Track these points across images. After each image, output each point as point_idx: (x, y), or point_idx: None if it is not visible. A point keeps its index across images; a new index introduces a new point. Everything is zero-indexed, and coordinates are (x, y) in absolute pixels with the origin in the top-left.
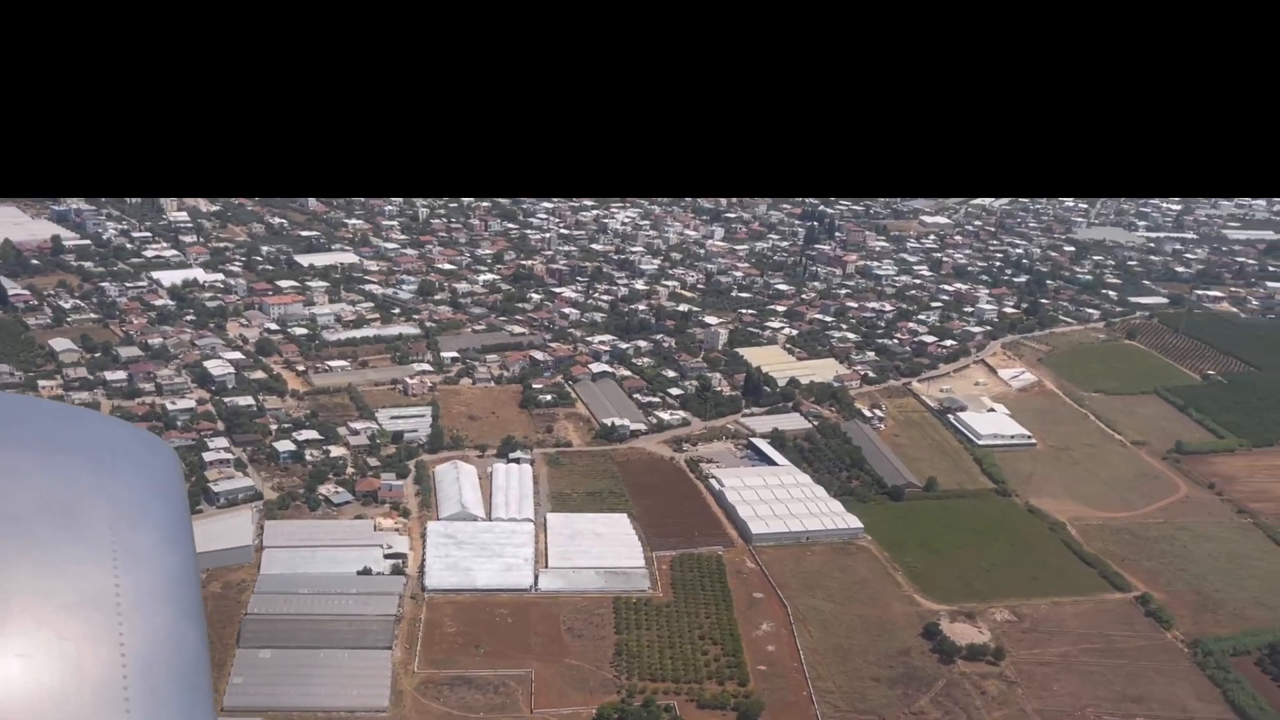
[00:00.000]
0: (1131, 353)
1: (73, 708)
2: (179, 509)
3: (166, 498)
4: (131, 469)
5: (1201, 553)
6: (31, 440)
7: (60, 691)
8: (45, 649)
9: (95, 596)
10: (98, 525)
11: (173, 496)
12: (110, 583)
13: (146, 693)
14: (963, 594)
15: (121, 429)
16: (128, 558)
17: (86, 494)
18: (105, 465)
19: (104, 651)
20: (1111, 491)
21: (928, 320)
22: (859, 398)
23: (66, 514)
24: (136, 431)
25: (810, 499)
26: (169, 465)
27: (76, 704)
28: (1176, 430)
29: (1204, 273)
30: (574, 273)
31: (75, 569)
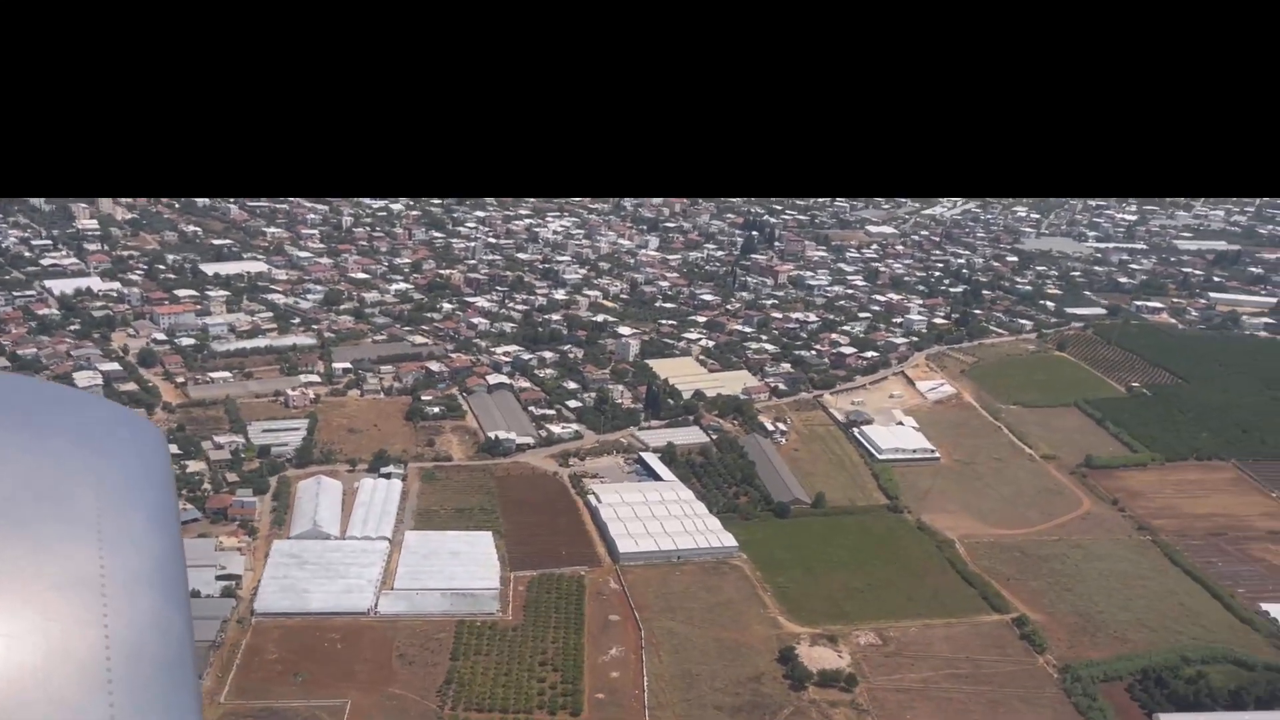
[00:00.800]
0: (1059, 364)
1: (55, 688)
2: (166, 491)
3: (153, 479)
4: (118, 450)
5: (1092, 572)
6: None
7: (43, 671)
8: (29, 629)
9: (80, 577)
10: (84, 506)
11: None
12: (96, 564)
13: (130, 675)
14: (830, 616)
15: (109, 409)
16: (114, 539)
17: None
18: (92, 446)
19: (88, 632)
20: (1010, 507)
21: (852, 331)
22: (767, 411)
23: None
24: (124, 412)
25: (688, 516)
26: (156, 447)
27: (59, 684)
28: (1092, 444)
29: (1147, 284)
30: (493, 282)
31: (60, 549)
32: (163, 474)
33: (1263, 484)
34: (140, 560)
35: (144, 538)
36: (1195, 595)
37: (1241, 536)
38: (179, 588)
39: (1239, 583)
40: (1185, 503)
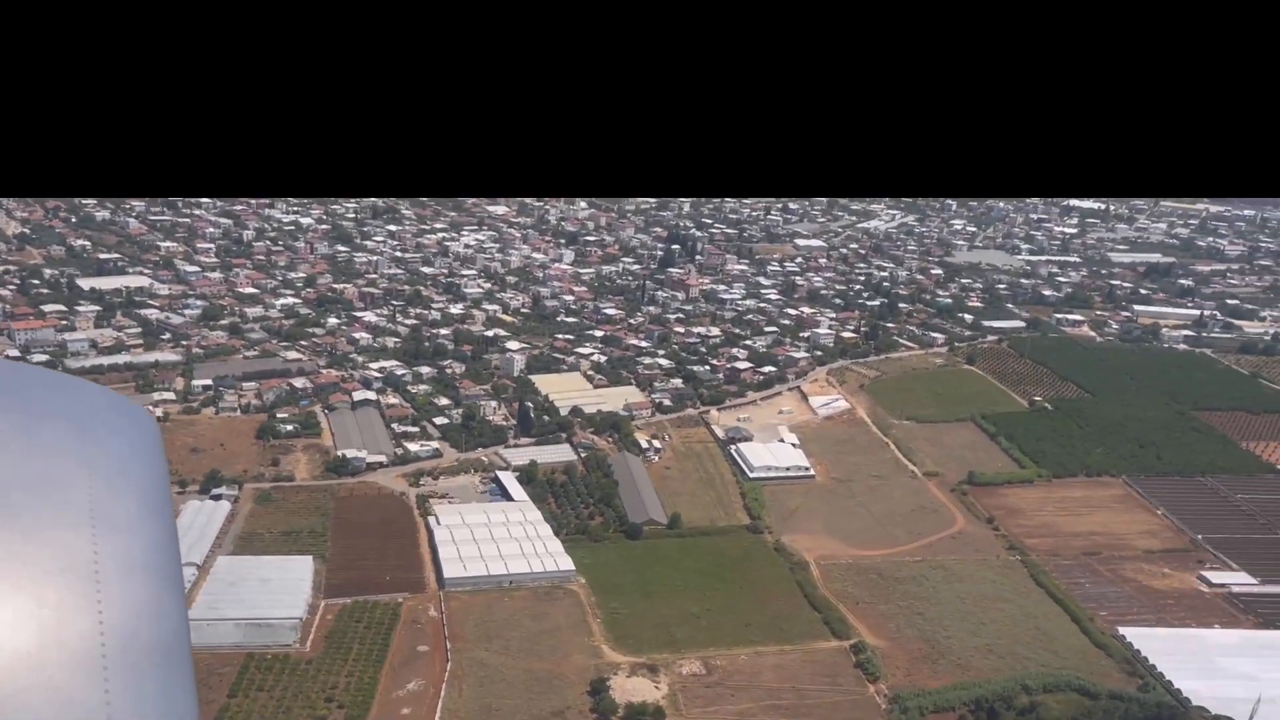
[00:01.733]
0: (966, 378)
1: (49, 675)
2: (159, 477)
3: (146, 465)
4: (111, 435)
5: (949, 594)
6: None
7: (37, 659)
8: (22, 616)
9: (73, 564)
10: (76, 492)
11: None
12: (89, 550)
13: (125, 662)
14: (658, 644)
15: (100, 394)
16: (107, 525)
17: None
18: (84, 431)
19: (82, 619)
20: (879, 527)
21: (754, 346)
22: (648, 427)
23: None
24: (116, 398)
25: (529, 539)
26: (149, 433)
27: (53, 671)
28: (981, 460)
29: (1072, 296)
30: (388, 296)
31: (53, 535)
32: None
33: (1151, 501)
34: (134, 546)
35: (137, 523)
36: (1054, 619)
37: (1117, 556)
38: (173, 574)
39: (1103, 605)
40: (1065, 521)
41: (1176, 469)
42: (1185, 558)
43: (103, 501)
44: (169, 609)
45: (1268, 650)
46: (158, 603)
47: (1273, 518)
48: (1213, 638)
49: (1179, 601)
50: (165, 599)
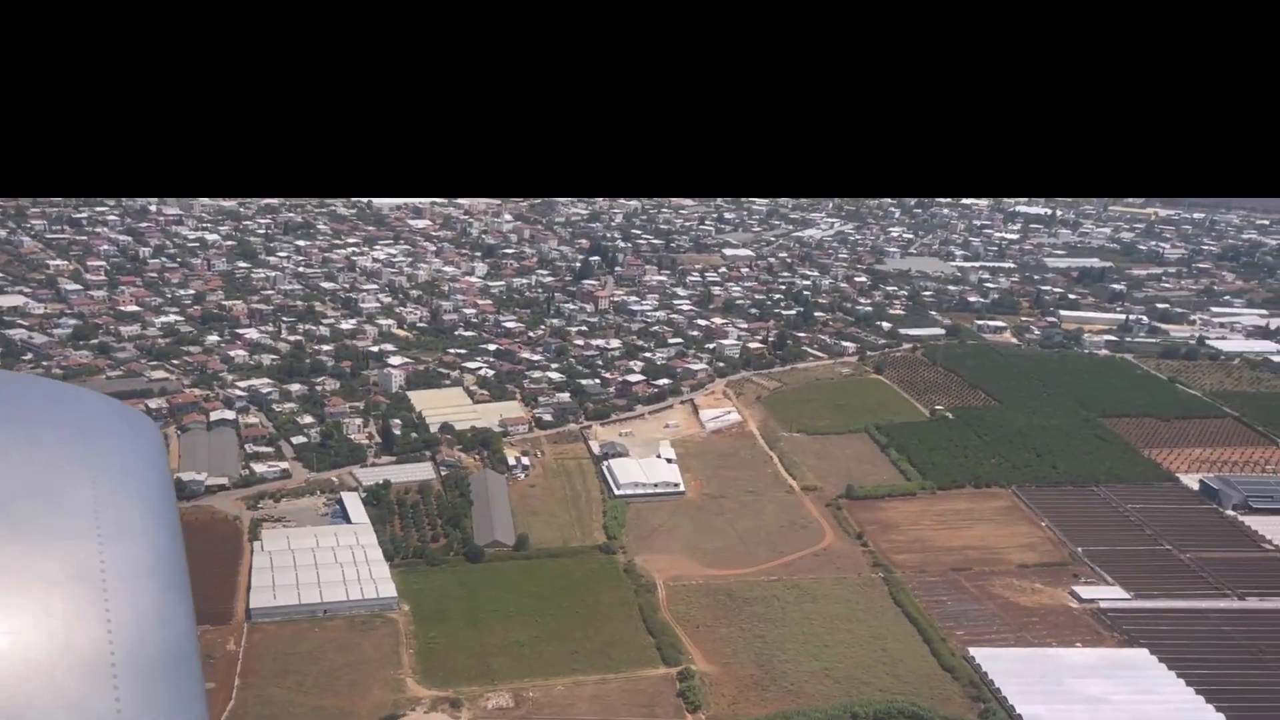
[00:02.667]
0: (871, 388)
1: (60, 684)
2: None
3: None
4: (115, 444)
5: (798, 615)
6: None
7: (47, 668)
8: (31, 626)
9: (81, 572)
10: (82, 501)
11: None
12: (96, 558)
13: (135, 668)
14: (471, 675)
15: (103, 403)
16: (113, 533)
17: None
18: (88, 440)
19: (91, 627)
20: (741, 545)
21: (654, 358)
22: (524, 444)
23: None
24: (119, 406)
25: (356, 564)
26: (152, 440)
27: (64, 680)
28: (867, 472)
29: (999, 302)
30: (279, 312)
31: (60, 545)
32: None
33: (1037, 512)
34: (140, 553)
35: (143, 530)
36: (905, 640)
37: (988, 571)
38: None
39: (962, 624)
40: (941, 535)
41: (1071, 478)
42: (1061, 572)
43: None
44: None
45: (1123, 670)
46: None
47: (1161, 528)
48: (1068, 658)
49: (1044, 619)
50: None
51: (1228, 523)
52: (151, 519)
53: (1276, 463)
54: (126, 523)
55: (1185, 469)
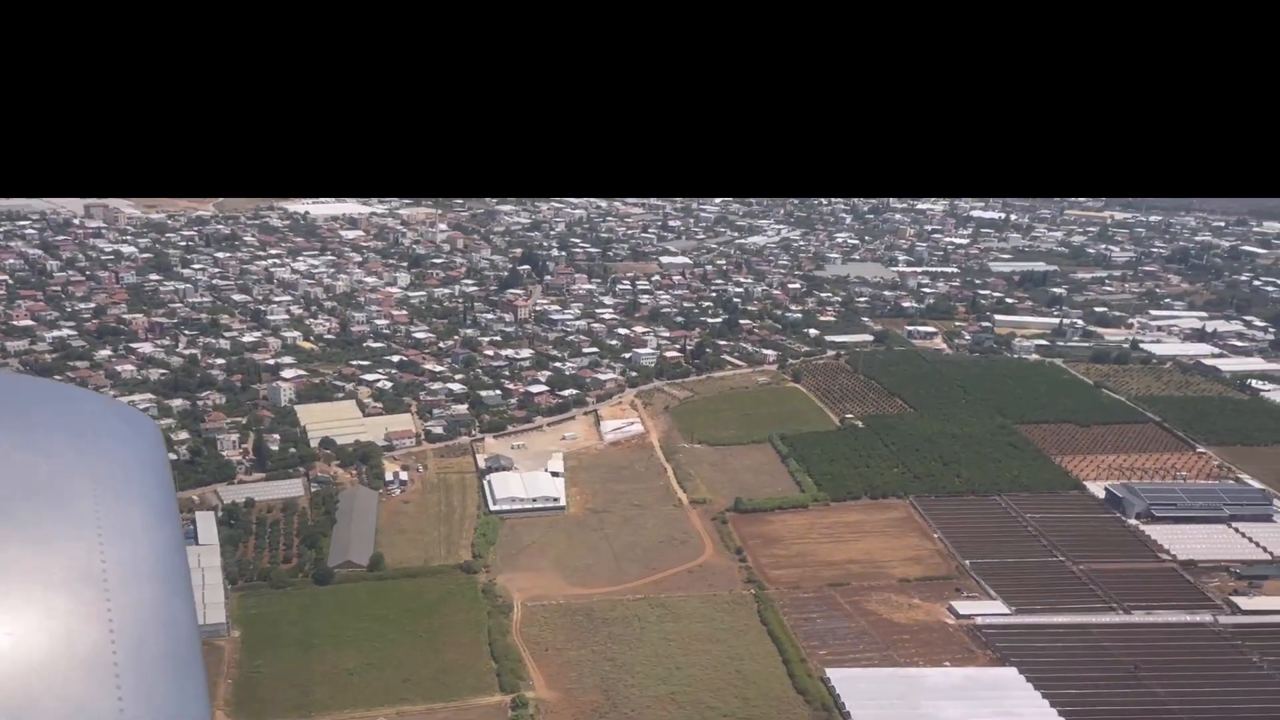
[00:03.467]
0: (786, 397)
1: (62, 685)
2: (163, 484)
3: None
4: (114, 444)
5: (657, 635)
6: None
7: (49, 669)
8: (33, 627)
9: (82, 573)
10: (82, 501)
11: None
12: (97, 559)
13: (137, 669)
14: (287, 707)
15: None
16: (114, 533)
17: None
18: (88, 440)
19: (93, 628)
20: (614, 562)
21: (564, 368)
22: (411, 457)
23: (49, 490)
24: (118, 406)
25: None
26: (152, 440)
27: (66, 681)
28: (764, 484)
29: (934, 307)
30: (181, 326)
31: (60, 546)
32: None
33: (932, 523)
34: (141, 553)
35: (144, 530)
36: (763, 660)
37: (867, 586)
38: (181, 579)
39: (827, 642)
40: (826, 548)
41: (973, 488)
42: (944, 586)
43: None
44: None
45: (985, 691)
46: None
47: (1058, 538)
48: (929, 678)
49: (915, 636)
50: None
51: (1128, 532)
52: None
53: (1190, 469)
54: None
55: (1095, 476)
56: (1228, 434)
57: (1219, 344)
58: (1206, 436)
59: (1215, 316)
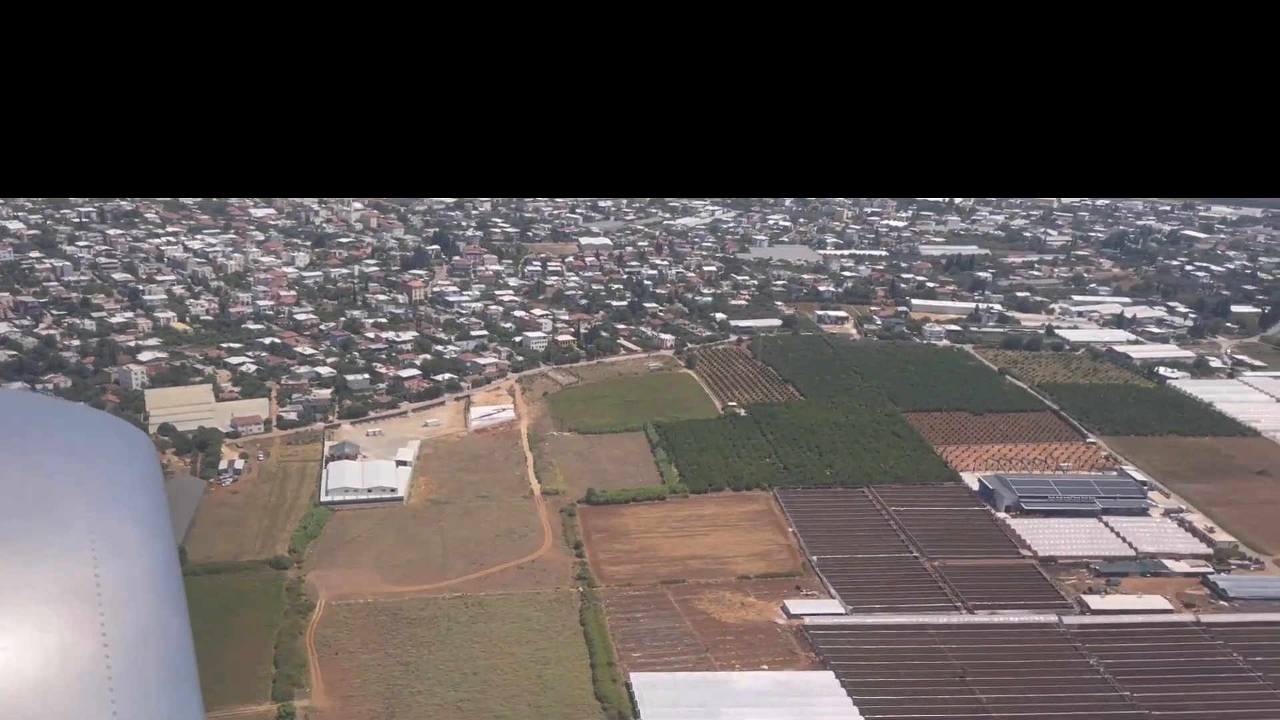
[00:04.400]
0: (675, 383)
1: (57, 700)
2: (156, 497)
3: (144, 486)
4: (107, 458)
5: (463, 637)
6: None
7: (44, 685)
8: (27, 642)
9: (75, 588)
10: (75, 516)
11: (150, 485)
12: (90, 574)
13: (131, 684)
14: None
15: (95, 417)
16: (107, 548)
17: (62, 484)
18: (80, 454)
19: (87, 643)
20: (442, 557)
21: (447, 351)
22: (257, 444)
23: (42, 505)
24: (111, 419)
25: None
26: (145, 453)
27: (61, 697)
28: (627, 474)
29: (853, 291)
30: (49, 305)
31: (54, 561)
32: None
33: (790, 517)
34: (135, 567)
35: (138, 545)
36: (570, 664)
37: (704, 584)
38: (175, 593)
39: (644, 644)
40: (671, 543)
41: (843, 479)
42: (785, 584)
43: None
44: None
45: (794, 697)
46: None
47: (919, 533)
48: (739, 683)
49: (739, 638)
50: (168, 619)
51: (994, 527)
52: (146, 533)
53: (1075, 459)
54: (121, 538)
55: (975, 467)
56: (1124, 423)
57: (1138, 330)
58: (1101, 426)
59: (1139, 302)
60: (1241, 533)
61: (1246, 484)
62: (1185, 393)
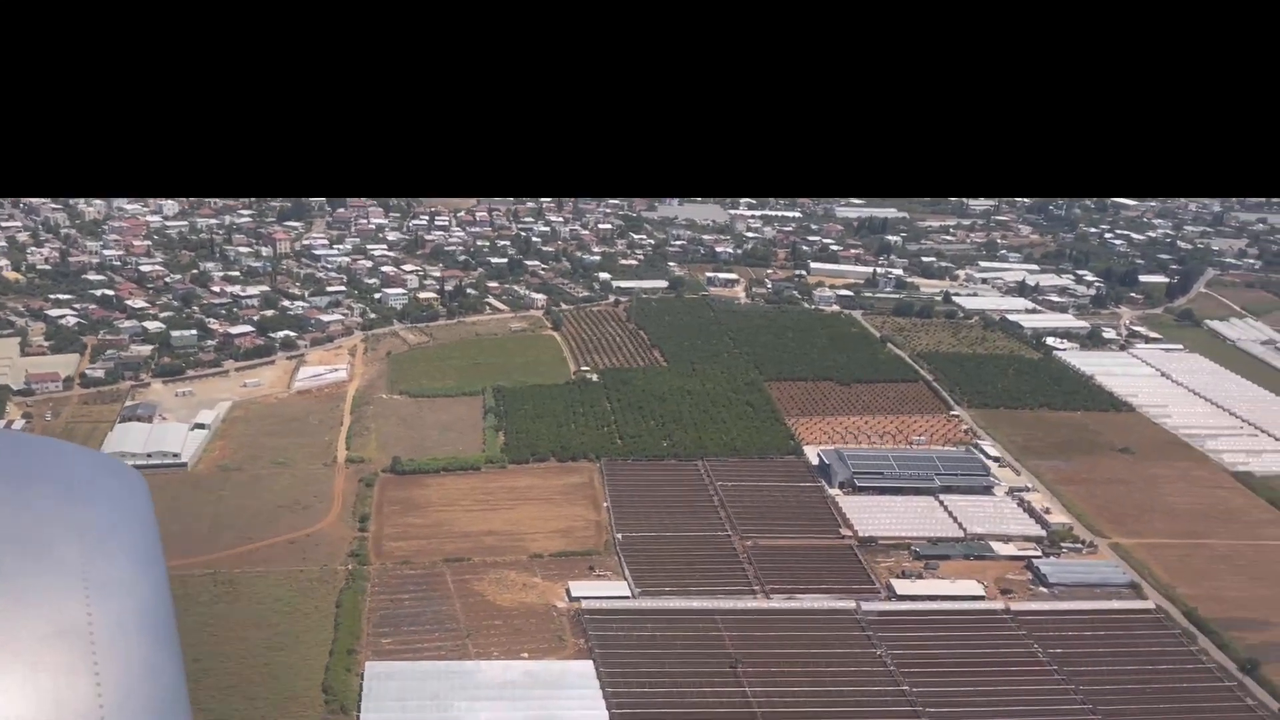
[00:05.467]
0: (534, 345)
1: None
2: (150, 536)
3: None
4: (100, 497)
5: (195, 620)
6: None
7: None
8: (20, 683)
9: (69, 628)
10: (68, 555)
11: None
12: (83, 613)
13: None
14: None
15: (88, 456)
16: (100, 587)
17: (55, 524)
18: (73, 494)
19: (80, 683)
20: (209, 530)
21: (294, 307)
22: (50, 403)
23: (35, 545)
24: (104, 459)
25: None
26: (138, 492)
27: None
28: (451, 441)
29: (752, 253)
30: None
31: (47, 601)
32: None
33: (610, 490)
34: (128, 607)
35: (130, 584)
36: (309, 650)
37: (490, 563)
38: (169, 633)
39: (400, 630)
40: (470, 517)
41: (678, 451)
42: (580, 563)
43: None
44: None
45: (540, 690)
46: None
47: (742, 510)
48: (485, 673)
49: (510, 622)
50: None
51: (823, 504)
52: (140, 574)
53: (934, 433)
54: (115, 578)
55: (822, 440)
56: (996, 396)
57: (1038, 299)
58: (971, 398)
59: (1047, 270)
60: (1085, 513)
61: (1106, 461)
62: (1069, 365)
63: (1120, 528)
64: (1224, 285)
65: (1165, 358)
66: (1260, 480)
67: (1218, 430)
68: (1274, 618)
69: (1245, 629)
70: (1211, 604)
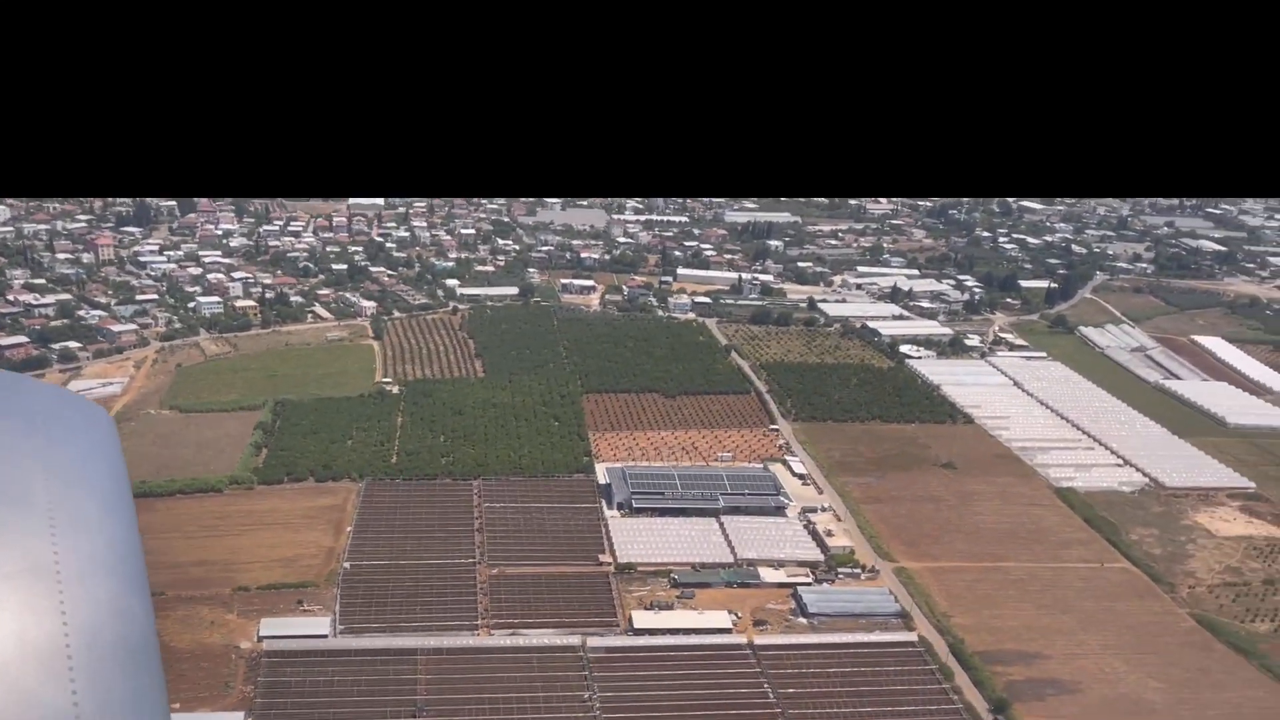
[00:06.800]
0: (345, 355)
1: (14, 678)
2: (118, 475)
3: (105, 464)
4: (68, 434)
5: None
6: None
7: (2, 662)
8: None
9: (34, 566)
10: (34, 492)
11: (111, 463)
12: (49, 551)
13: (92, 663)
14: None
15: (55, 394)
16: (67, 525)
17: (21, 460)
18: (40, 430)
19: (45, 622)
20: None
21: (91, 316)
22: None
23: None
24: (72, 396)
25: None
26: (106, 430)
27: (19, 676)
28: (208, 460)
29: (621, 259)
30: None
31: (11, 538)
32: (114, 458)
33: (361, 514)
34: (95, 546)
35: (98, 523)
36: None
37: (186, 596)
38: (137, 573)
39: None
40: (188, 545)
41: (456, 470)
42: (290, 597)
43: (62, 502)
44: (134, 607)
45: None
46: (122, 601)
47: (498, 536)
48: None
49: (177, 666)
50: (129, 598)
51: (592, 527)
52: (107, 512)
53: (746, 449)
54: (81, 516)
55: (623, 457)
56: (827, 408)
57: (909, 305)
58: (801, 410)
59: (928, 275)
60: (879, 535)
61: (923, 477)
62: (918, 374)
63: (912, 550)
64: (1110, 290)
65: (1023, 366)
66: (1081, 496)
67: (1053, 443)
68: (1047, 649)
69: (1012, 663)
70: (984, 635)
